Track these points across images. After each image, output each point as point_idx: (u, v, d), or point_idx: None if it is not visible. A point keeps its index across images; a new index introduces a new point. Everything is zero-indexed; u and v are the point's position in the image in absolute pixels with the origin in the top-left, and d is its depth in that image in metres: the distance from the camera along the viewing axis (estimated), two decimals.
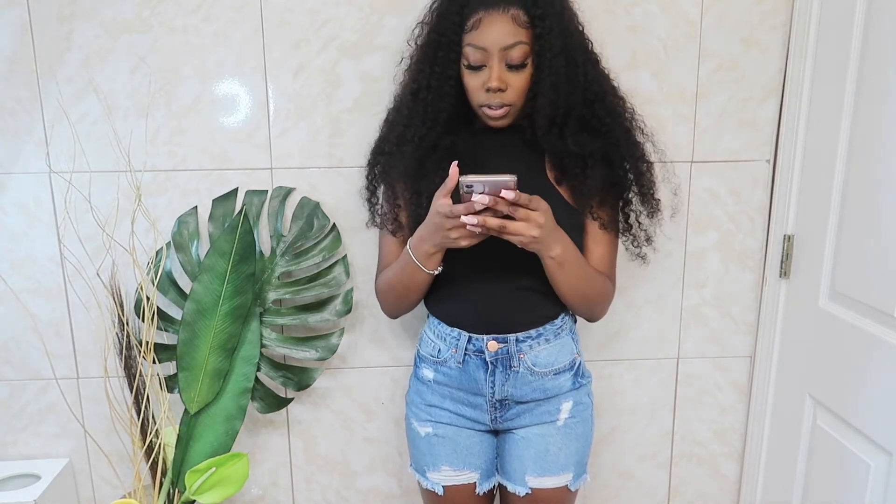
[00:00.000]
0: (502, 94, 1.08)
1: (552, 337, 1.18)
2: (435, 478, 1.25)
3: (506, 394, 1.18)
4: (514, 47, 1.05)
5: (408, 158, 1.15)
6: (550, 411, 1.20)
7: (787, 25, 1.39)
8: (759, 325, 1.53)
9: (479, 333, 1.17)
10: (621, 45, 1.39)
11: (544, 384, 1.18)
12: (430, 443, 1.24)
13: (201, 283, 1.32)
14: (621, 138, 1.15)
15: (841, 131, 1.24)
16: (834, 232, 1.28)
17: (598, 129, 1.13)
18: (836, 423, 1.29)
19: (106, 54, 1.36)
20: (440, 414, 1.23)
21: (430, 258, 1.09)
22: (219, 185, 1.43)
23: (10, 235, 1.43)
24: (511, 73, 1.07)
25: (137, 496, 1.42)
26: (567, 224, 1.10)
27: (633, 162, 1.16)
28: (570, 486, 1.22)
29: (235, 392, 1.38)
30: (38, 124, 1.38)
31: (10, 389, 1.51)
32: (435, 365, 1.22)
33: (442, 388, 1.22)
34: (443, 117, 1.13)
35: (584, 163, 1.12)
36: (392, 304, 1.23)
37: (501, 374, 1.17)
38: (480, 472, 1.24)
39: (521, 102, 1.11)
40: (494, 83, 1.06)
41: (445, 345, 1.19)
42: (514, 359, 1.16)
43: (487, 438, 1.25)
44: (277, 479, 1.60)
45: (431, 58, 1.11)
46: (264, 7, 1.36)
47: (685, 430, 1.62)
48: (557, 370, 1.19)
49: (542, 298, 1.16)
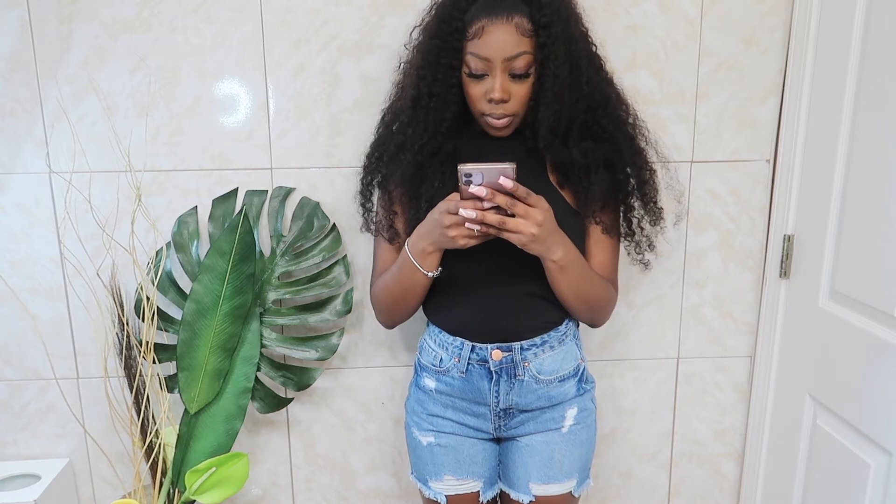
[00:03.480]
0: (505, 104, 1.06)
1: (556, 344, 1.16)
2: (437, 487, 1.23)
3: (510, 403, 1.16)
4: (518, 58, 1.03)
5: (406, 164, 1.13)
6: (555, 418, 1.18)
7: (787, 25, 1.39)
8: (759, 325, 1.53)
9: (482, 342, 1.14)
10: (621, 45, 1.39)
11: (549, 391, 1.16)
12: (433, 452, 1.22)
13: (201, 283, 1.32)
14: (624, 145, 1.13)
15: (841, 131, 1.24)
16: (834, 232, 1.28)
17: (600, 136, 1.12)
18: (836, 423, 1.29)
19: (106, 54, 1.36)
20: (443, 424, 1.21)
21: (428, 258, 1.07)
22: (219, 185, 1.43)
23: (10, 235, 1.43)
24: (514, 83, 1.05)
25: (137, 496, 1.42)
26: (570, 228, 1.09)
27: (635, 170, 1.15)
28: (574, 492, 1.20)
29: (235, 392, 1.38)
30: (38, 124, 1.38)
31: (10, 389, 1.51)
32: (437, 374, 1.19)
33: (444, 397, 1.20)
34: (445, 126, 1.10)
35: (588, 169, 1.10)
36: (388, 309, 1.19)
37: (506, 384, 1.15)
38: (484, 481, 1.23)
39: (524, 112, 1.09)
40: (497, 94, 1.04)
41: (447, 354, 1.17)
42: (519, 367, 1.14)
43: (490, 447, 1.23)
44: (277, 479, 1.60)
45: (434, 65, 1.07)
46: (264, 7, 1.36)
47: (685, 430, 1.62)
48: (562, 377, 1.17)
49: (546, 305, 1.14)
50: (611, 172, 1.13)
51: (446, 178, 1.11)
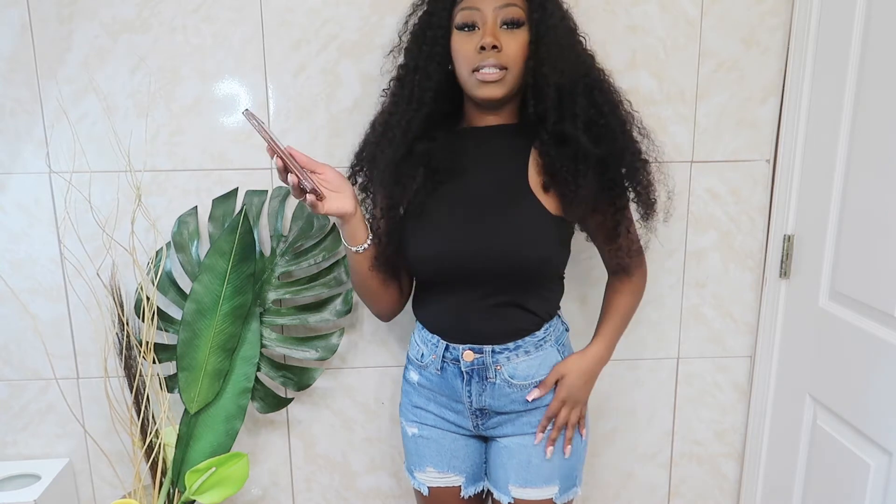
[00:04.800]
0: (497, 53, 1.02)
1: (532, 349, 1.13)
2: (421, 478, 1.24)
3: (483, 404, 1.15)
4: (509, 7, 1.02)
5: (383, 168, 1.11)
6: (532, 423, 1.15)
7: (787, 25, 1.39)
8: (759, 325, 1.53)
9: (455, 342, 1.14)
10: (621, 45, 1.39)
11: (524, 396, 1.14)
12: (417, 443, 1.23)
13: (201, 283, 1.32)
14: (619, 135, 1.08)
15: (841, 131, 1.24)
16: (834, 232, 1.28)
17: (597, 122, 1.06)
18: (836, 423, 1.29)
19: (106, 54, 1.36)
20: (425, 416, 1.22)
21: (343, 231, 1.08)
22: (219, 185, 1.43)
23: (10, 235, 1.43)
24: (506, 33, 1.03)
25: (137, 496, 1.42)
26: (549, 235, 1.06)
27: (629, 163, 1.09)
28: (556, 499, 1.17)
29: (235, 392, 1.38)
30: (38, 124, 1.38)
31: (10, 389, 1.51)
32: (419, 368, 1.20)
33: (426, 391, 1.20)
34: (429, 96, 1.07)
35: (576, 170, 1.05)
36: (361, 296, 1.20)
37: (478, 385, 1.14)
38: (466, 477, 1.22)
39: (518, 71, 1.05)
40: (489, 38, 1.01)
41: (427, 350, 1.17)
42: (490, 370, 1.12)
43: (474, 443, 1.22)
44: (277, 479, 1.60)
45: (420, 37, 1.09)
46: (264, 7, 1.36)
47: (685, 430, 1.62)
48: (538, 382, 1.14)
49: (520, 313, 1.12)
50: (603, 171, 1.07)
51: (418, 181, 1.10)
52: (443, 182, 1.11)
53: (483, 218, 1.08)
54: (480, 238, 1.07)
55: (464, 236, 1.08)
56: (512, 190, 1.08)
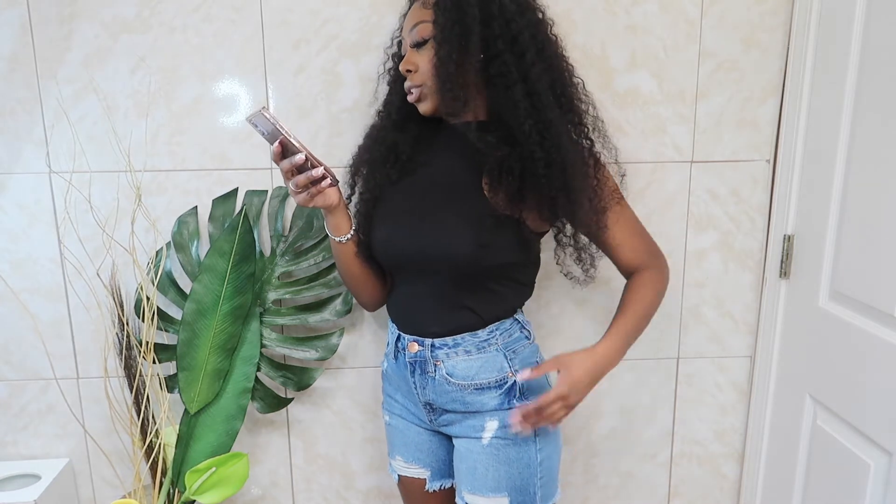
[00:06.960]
0: (412, 75, 1.09)
1: (473, 350, 1.11)
2: (393, 464, 1.28)
3: (428, 398, 1.16)
4: (417, 27, 1.07)
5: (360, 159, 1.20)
6: (475, 427, 1.12)
7: (787, 25, 1.39)
8: (759, 325, 1.53)
9: (406, 332, 1.17)
10: (621, 45, 1.39)
11: (464, 397, 1.12)
12: (389, 431, 1.28)
13: (201, 283, 1.32)
14: (551, 145, 1.01)
15: (841, 131, 1.24)
16: (834, 232, 1.28)
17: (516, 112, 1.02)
18: (836, 423, 1.29)
19: (106, 54, 1.36)
20: (393, 405, 1.26)
21: (327, 221, 1.13)
22: (219, 185, 1.43)
23: (10, 235, 1.43)
24: (417, 53, 1.08)
25: (137, 496, 1.42)
26: (482, 233, 1.04)
27: (548, 142, 1.02)
28: None
29: (235, 392, 1.38)
30: (38, 124, 1.38)
31: (10, 389, 1.51)
32: (386, 357, 1.24)
33: (393, 380, 1.23)
34: (399, 102, 1.16)
35: (502, 166, 1.03)
36: (349, 288, 1.25)
37: (421, 378, 1.15)
38: (431, 471, 1.24)
39: (436, 84, 1.04)
40: (402, 64, 1.09)
41: (391, 338, 1.22)
42: (430, 364, 1.13)
43: (438, 438, 1.23)
44: (277, 479, 1.60)
45: (396, 54, 1.20)
46: (264, 7, 1.36)
47: (685, 430, 1.62)
48: (480, 386, 1.11)
49: (461, 310, 1.10)
50: (534, 180, 1.03)
51: (389, 167, 1.16)
52: (407, 173, 1.16)
53: (428, 210, 1.10)
54: (418, 229, 1.10)
55: (406, 226, 1.11)
56: (461, 185, 1.09)
